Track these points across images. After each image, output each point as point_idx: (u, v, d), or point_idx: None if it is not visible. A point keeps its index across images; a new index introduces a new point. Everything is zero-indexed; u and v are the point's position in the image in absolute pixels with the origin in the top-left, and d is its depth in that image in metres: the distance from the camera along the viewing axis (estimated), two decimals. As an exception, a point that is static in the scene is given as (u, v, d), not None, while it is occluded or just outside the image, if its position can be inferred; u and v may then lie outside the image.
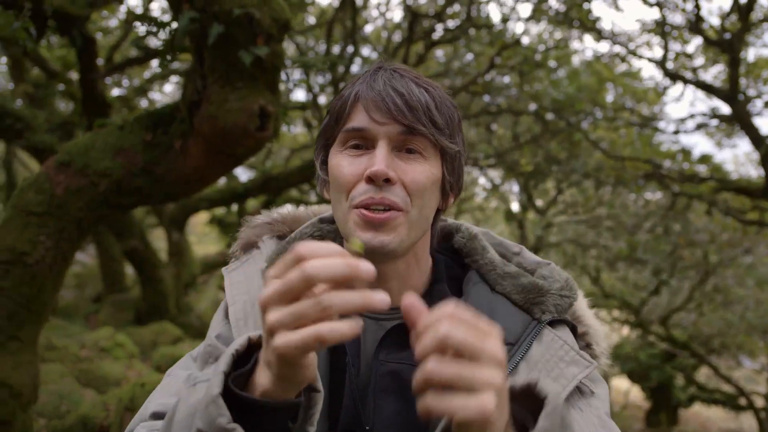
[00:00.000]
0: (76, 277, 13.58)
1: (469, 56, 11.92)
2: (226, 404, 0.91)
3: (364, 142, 1.21)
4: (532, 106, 11.56)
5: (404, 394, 1.20)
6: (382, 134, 1.18)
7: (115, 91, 13.56)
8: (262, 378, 0.94)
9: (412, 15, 10.02)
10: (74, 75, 9.87)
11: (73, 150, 4.14)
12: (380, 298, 0.84)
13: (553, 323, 1.27)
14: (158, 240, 16.41)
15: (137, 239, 10.32)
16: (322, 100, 12.05)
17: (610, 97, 12.10)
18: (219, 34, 3.62)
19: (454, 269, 1.38)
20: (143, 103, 13.78)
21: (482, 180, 16.39)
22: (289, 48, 12.45)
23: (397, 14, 24.16)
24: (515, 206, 15.89)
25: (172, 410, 1.06)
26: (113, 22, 11.74)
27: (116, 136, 4.16)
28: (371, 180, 1.16)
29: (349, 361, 1.24)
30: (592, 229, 13.58)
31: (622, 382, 20.50)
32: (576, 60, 12.21)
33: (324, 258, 0.83)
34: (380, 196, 1.16)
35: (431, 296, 1.29)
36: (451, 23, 10.79)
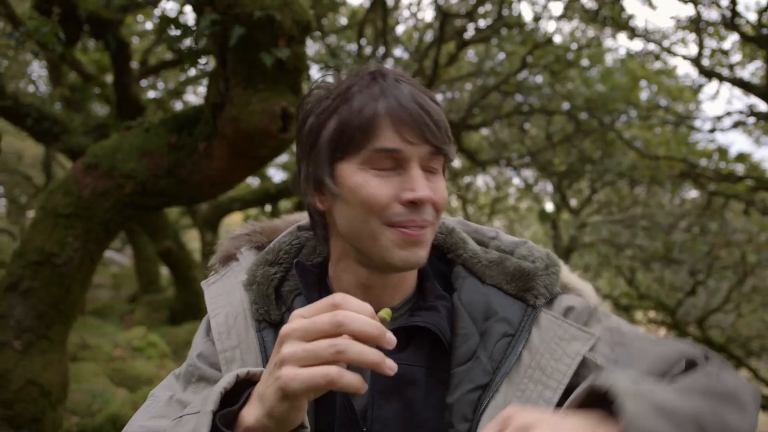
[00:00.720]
0: (113, 277, 13.81)
1: (501, 56, 11.85)
2: None
3: (393, 163, 1.15)
4: (566, 106, 11.46)
5: (404, 395, 1.19)
6: (414, 155, 1.13)
7: (151, 94, 13.74)
8: (250, 414, 0.95)
9: (443, 15, 9.98)
10: (109, 78, 10.01)
11: (100, 152, 4.21)
12: (390, 365, 0.87)
13: (547, 302, 1.27)
14: (192, 241, 16.60)
15: (171, 240, 10.46)
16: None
17: (644, 96, 11.94)
18: (240, 36, 3.65)
19: (437, 264, 1.35)
20: (178, 106, 13.94)
21: (516, 180, 16.29)
22: (321, 49, 12.52)
23: (428, 14, 24.07)
24: (549, 206, 15.76)
25: None
26: (149, 26, 11.90)
27: (142, 139, 4.22)
28: (414, 204, 1.13)
29: None
30: (627, 229, 13.38)
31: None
32: (609, 58, 12.07)
33: (359, 313, 0.87)
34: (422, 218, 1.14)
35: (423, 294, 1.29)
36: (483, 23, 10.73)
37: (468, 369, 1.19)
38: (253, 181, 14.58)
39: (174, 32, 4.28)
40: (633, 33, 10.01)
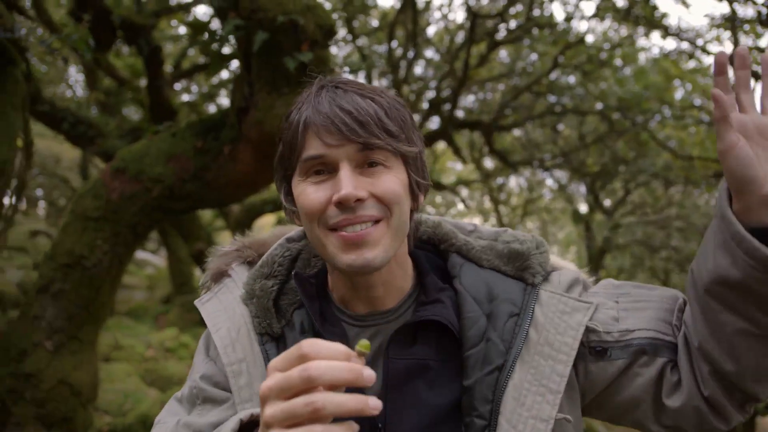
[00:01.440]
0: (147, 278, 13.98)
1: (534, 56, 11.76)
2: None
3: (324, 167, 1.18)
4: (599, 106, 11.33)
5: (416, 390, 1.21)
6: (342, 156, 1.15)
7: (185, 97, 13.89)
8: None
9: (473, 16, 9.94)
10: (142, 82, 10.15)
11: (128, 157, 4.28)
12: (374, 405, 0.82)
13: (544, 280, 1.30)
14: (225, 243, 16.72)
15: (204, 242, 10.57)
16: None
17: (678, 95, 11.75)
18: (263, 41, 3.69)
19: (433, 260, 1.38)
20: (211, 109, 14.07)
21: (549, 181, 16.15)
22: (353, 51, 12.55)
23: (459, 15, 24.02)
24: (582, 207, 15.60)
25: None
26: (182, 30, 12.04)
27: (169, 143, 4.28)
28: (341, 204, 1.14)
29: None
30: (661, 230, 13.20)
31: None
32: (642, 57, 11.91)
33: (328, 360, 0.83)
34: (355, 215, 1.15)
35: (424, 289, 1.30)
36: (514, 23, 10.66)
37: (481, 350, 1.21)
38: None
39: (202, 37, 4.34)
40: (666, 32, 9.87)
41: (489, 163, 15.01)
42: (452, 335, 1.22)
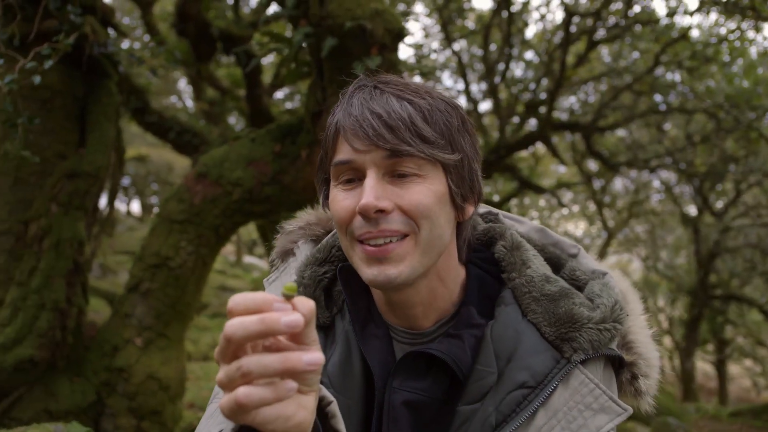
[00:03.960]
0: (253, 282, 14.42)
1: (636, 54, 11.40)
2: None
3: (354, 174, 1.11)
4: (707, 103, 10.85)
5: (418, 428, 1.14)
6: (369, 163, 1.08)
7: (288, 105, 14.26)
8: None
9: (568, 14, 9.75)
10: (243, 92, 10.50)
11: (209, 162, 4.47)
12: (308, 360, 0.76)
13: (587, 360, 1.12)
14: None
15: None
16: (483, 107, 11.99)
17: (792, 90, 11.08)
18: (332, 46, 3.77)
19: (489, 286, 1.24)
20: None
21: (656, 183, 15.58)
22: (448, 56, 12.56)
23: (558, 15, 23.50)
24: (691, 209, 14.97)
25: None
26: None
27: (248, 148, 4.44)
28: (363, 215, 1.07)
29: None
30: (776, 233, 12.51)
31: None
32: (753, 51, 11.31)
33: (241, 316, 0.75)
34: (378, 229, 1.07)
35: (457, 321, 1.19)
36: (612, 20, 10.38)
37: (472, 412, 1.10)
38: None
39: (281, 46, 4.49)
40: (776, 24, 9.36)
41: (592, 165, 14.64)
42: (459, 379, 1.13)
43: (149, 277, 4.47)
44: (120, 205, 24.70)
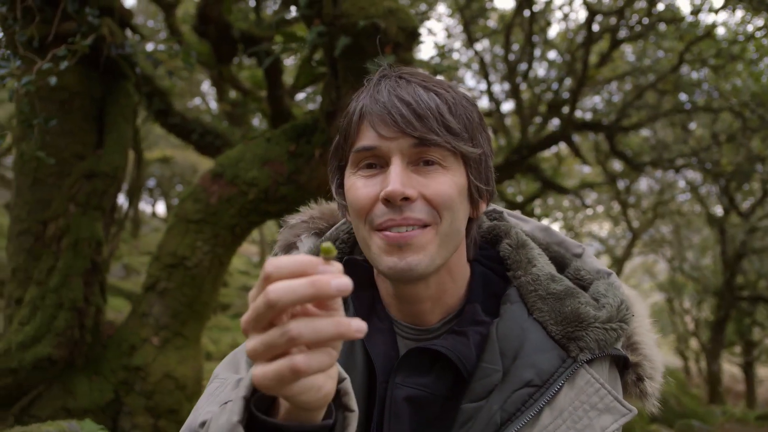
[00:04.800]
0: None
1: (660, 53, 11.27)
2: (255, 427, 0.86)
3: (377, 161, 1.11)
4: (733, 102, 10.70)
5: (420, 425, 1.13)
6: (395, 150, 1.08)
7: (310, 106, 14.31)
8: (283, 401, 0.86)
9: (591, 13, 9.67)
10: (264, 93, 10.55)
11: (225, 162, 4.49)
12: (357, 327, 0.73)
13: (593, 359, 1.12)
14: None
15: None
16: (506, 107, 11.92)
17: (821, 88, 10.89)
18: (346, 45, 3.77)
19: (494, 284, 1.24)
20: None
21: (681, 182, 15.41)
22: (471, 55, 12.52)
23: (581, 15, 23.39)
24: (718, 209, 14.77)
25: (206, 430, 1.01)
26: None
27: (264, 148, 4.46)
28: (388, 201, 1.06)
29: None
30: (805, 234, 12.30)
31: None
32: (780, 49, 11.13)
33: (287, 279, 0.71)
34: (402, 216, 1.06)
35: (462, 318, 1.19)
36: (635, 18, 10.28)
37: (476, 410, 1.09)
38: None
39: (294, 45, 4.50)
40: (804, 21, 9.21)
41: (617, 165, 14.51)
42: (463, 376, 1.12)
43: (166, 277, 4.50)
44: (145, 207, 24.97)
